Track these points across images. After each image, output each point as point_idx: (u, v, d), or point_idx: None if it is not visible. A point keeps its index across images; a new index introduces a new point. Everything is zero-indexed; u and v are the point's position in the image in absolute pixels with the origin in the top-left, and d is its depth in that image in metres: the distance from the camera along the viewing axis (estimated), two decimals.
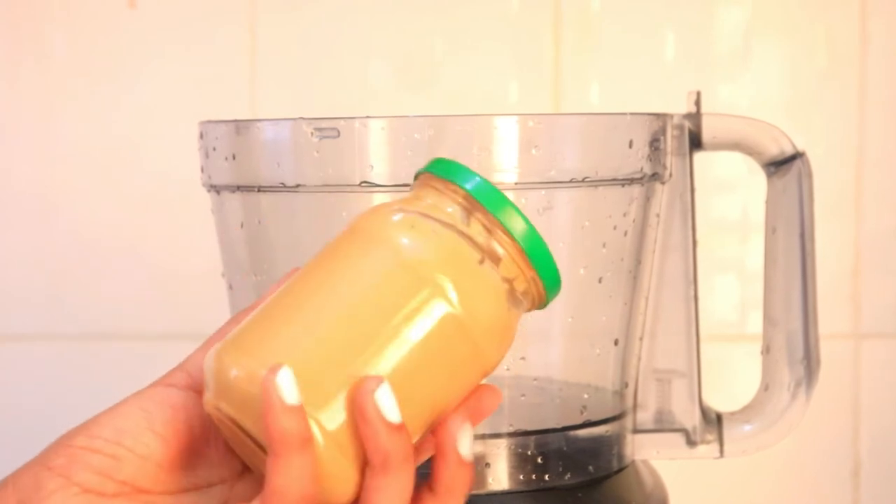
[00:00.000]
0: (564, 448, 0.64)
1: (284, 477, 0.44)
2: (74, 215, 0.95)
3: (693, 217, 0.68)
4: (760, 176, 0.69)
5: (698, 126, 0.67)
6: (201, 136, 0.65)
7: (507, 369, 0.64)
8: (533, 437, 0.63)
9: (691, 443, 0.68)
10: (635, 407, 0.68)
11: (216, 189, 0.65)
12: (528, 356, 0.64)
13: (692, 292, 0.68)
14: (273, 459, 0.44)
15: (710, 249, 0.82)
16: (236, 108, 0.94)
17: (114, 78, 0.95)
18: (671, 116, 0.66)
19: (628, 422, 0.67)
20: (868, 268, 0.96)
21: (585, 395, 0.66)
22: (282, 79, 0.95)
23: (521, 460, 0.63)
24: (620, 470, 0.66)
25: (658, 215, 0.66)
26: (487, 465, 0.62)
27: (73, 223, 0.96)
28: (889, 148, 0.95)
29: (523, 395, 0.65)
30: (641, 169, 0.63)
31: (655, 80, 0.95)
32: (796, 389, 0.68)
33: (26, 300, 0.96)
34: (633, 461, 0.68)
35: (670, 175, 0.66)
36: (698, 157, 0.68)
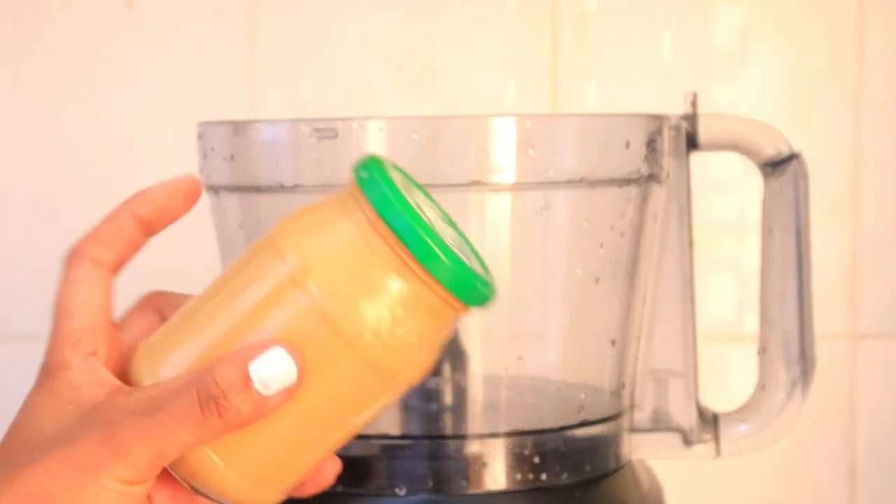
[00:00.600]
0: (561, 448, 0.64)
1: None
2: (73, 215, 0.95)
3: (690, 217, 0.68)
4: (757, 176, 0.69)
5: (695, 127, 0.67)
6: (199, 137, 0.65)
7: (505, 369, 0.64)
8: (530, 437, 0.63)
9: (688, 443, 0.68)
10: (632, 407, 0.68)
11: (214, 189, 0.65)
12: (525, 356, 0.64)
13: (689, 292, 0.68)
14: None
15: (706, 250, 0.82)
16: (235, 109, 0.94)
17: (113, 78, 0.95)
18: (668, 117, 0.66)
19: (625, 422, 0.67)
20: (865, 268, 0.96)
21: (582, 395, 0.66)
22: (281, 79, 0.95)
23: (518, 460, 0.63)
24: (617, 470, 0.66)
25: (655, 216, 0.67)
26: (484, 464, 0.62)
27: (72, 223, 0.95)
28: (886, 148, 0.96)
29: (520, 395, 0.65)
30: (638, 169, 0.63)
31: (653, 81, 0.95)
32: (792, 389, 0.68)
33: (25, 300, 0.96)
34: (630, 461, 0.68)
35: (667, 175, 0.66)
36: (695, 157, 0.68)
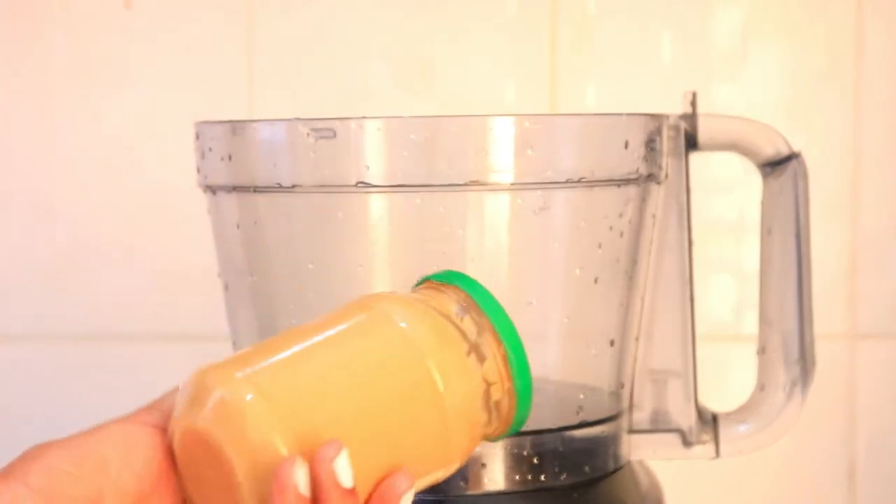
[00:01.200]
0: (560, 448, 0.64)
1: None
2: (71, 215, 0.95)
3: (689, 217, 0.68)
4: (756, 177, 0.69)
5: (694, 126, 0.67)
6: (197, 137, 0.65)
7: None
8: (529, 438, 0.63)
9: (687, 443, 0.68)
10: (631, 407, 0.68)
11: (212, 189, 0.65)
12: None
13: (688, 293, 0.68)
14: None
15: (705, 250, 0.82)
16: (234, 109, 0.94)
17: (112, 78, 0.95)
18: (667, 117, 0.66)
19: (624, 422, 0.67)
20: (864, 268, 0.96)
21: (581, 396, 0.66)
22: (280, 79, 0.95)
23: (517, 461, 0.63)
24: (616, 470, 0.66)
25: (654, 216, 0.67)
26: (483, 465, 0.62)
27: (70, 223, 0.96)
28: (886, 148, 0.96)
29: None
30: (637, 169, 0.63)
31: (652, 81, 0.95)
32: (792, 390, 0.68)
33: (23, 301, 0.96)
34: (629, 461, 0.68)
35: (666, 176, 0.66)
36: (694, 157, 0.68)
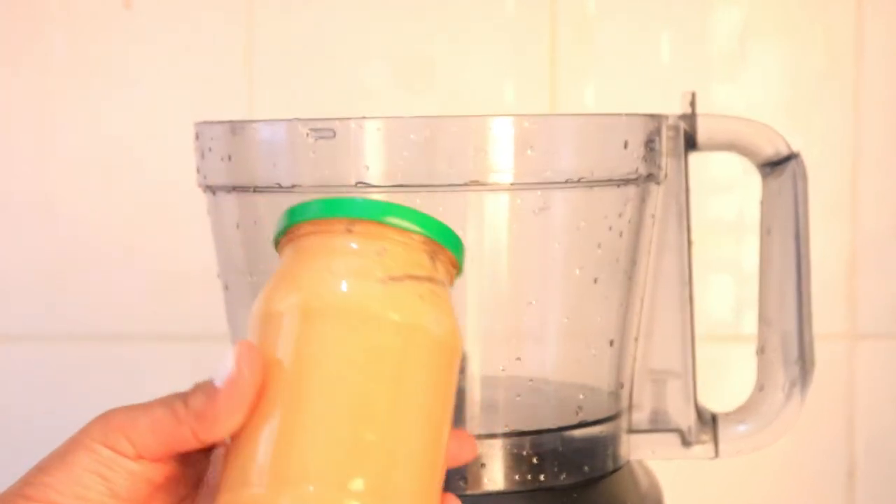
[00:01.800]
0: (560, 448, 0.64)
1: None
2: (71, 215, 0.95)
3: (688, 218, 0.68)
4: (756, 177, 0.69)
5: (693, 127, 0.67)
6: (197, 137, 0.65)
7: (503, 370, 0.64)
8: (528, 438, 0.63)
9: (686, 443, 0.68)
10: (630, 407, 0.68)
11: (212, 189, 0.65)
12: (523, 357, 0.64)
13: (687, 293, 0.68)
14: None
15: (705, 250, 0.82)
16: (234, 109, 0.94)
17: (111, 78, 0.95)
18: (666, 117, 0.66)
19: (623, 422, 0.67)
20: (864, 268, 0.96)
21: (581, 396, 0.66)
22: (279, 79, 0.95)
23: (516, 461, 0.63)
24: (616, 470, 0.66)
25: (653, 216, 0.67)
26: (483, 465, 0.62)
27: (70, 223, 0.96)
28: (886, 148, 0.96)
29: (519, 395, 0.65)
30: (637, 170, 0.63)
31: (652, 81, 0.95)
32: (791, 390, 0.68)
33: (23, 301, 0.96)
34: (629, 461, 0.68)
35: (665, 176, 0.66)
36: (694, 157, 0.68)
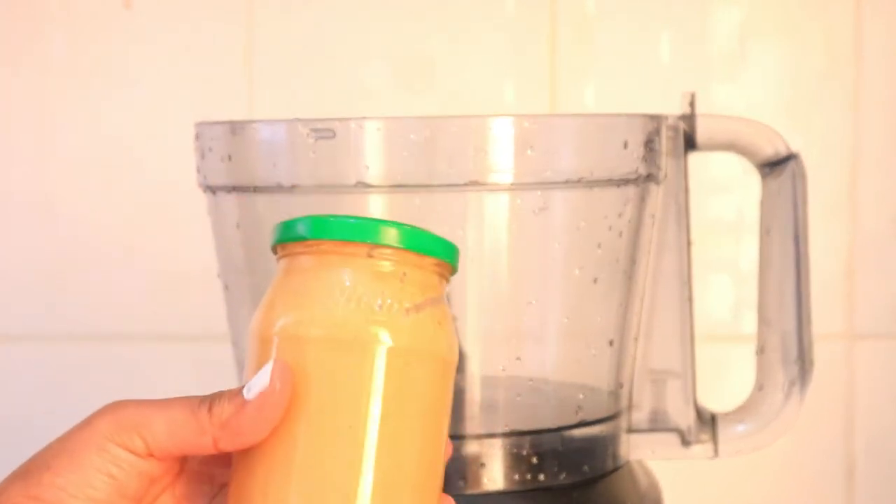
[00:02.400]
0: (559, 448, 0.64)
1: None
2: (71, 215, 0.96)
3: (688, 218, 0.68)
4: (755, 177, 0.69)
5: (693, 127, 0.67)
6: (197, 137, 0.65)
7: (503, 370, 0.64)
8: (528, 438, 0.63)
9: (686, 443, 0.68)
10: (630, 407, 0.68)
11: (212, 190, 0.65)
12: (523, 357, 0.64)
13: (687, 293, 0.68)
14: None
15: (704, 250, 0.82)
16: (234, 109, 0.94)
17: (111, 78, 0.95)
18: (666, 117, 0.66)
19: (623, 422, 0.67)
20: (863, 268, 0.96)
21: (580, 396, 0.66)
22: (279, 79, 0.95)
23: (516, 460, 0.63)
24: (615, 470, 0.66)
25: (653, 216, 0.67)
26: (483, 465, 0.62)
27: (70, 223, 0.96)
28: (885, 149, 0.96)
29: (518, 395, 0.65)
30: (636, 170, 0.63)
31: (652, 81, 0.95)
32: (790, 390, 0.68)
33: (23, 301, 0.96)
34: (628, 461, 0.68)
35: (665, 176, 0.66)
36: (693, 157, 0.68)
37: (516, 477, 0.63)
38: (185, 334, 0.95)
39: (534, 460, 0.63)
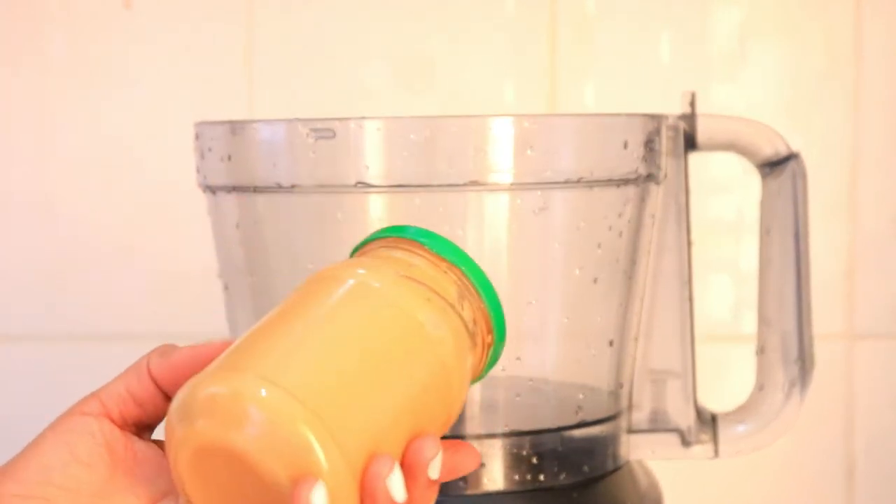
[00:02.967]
0: (559, 448, 0.64)
1: None
2: (71, 215, 0.96)
3: (688, 217, 0.68)
4: (755, 177, 0.69)
5: (693, 127, 0.67)
6: (197, 137, 0.65)
7: (503, 370, 0.64)
8: (528, 438, 0.63)
9: (686, 443, 0.68)
10: (630, 407, 0.68)
11: (212, 190, 0.65)
12: (523, 357, 0.64)
13: (687, 293, 0.68)
14: None
15: (704, 250, 0.82)
16: (234, 109, 0.94)
17: (111, 78, 0.95)
18: (666, 117, 0.66)
19: (623, 422, 0.67)
20: (863, 268, 0.96)
21: (580, 396, 0.66)
22: (279, 79, 0.95)
23: (516, 460, 0.63)
24: (615, 470, 0.66)
25: (653, 216, 0.67)
26: (483, 465, 0.62)
27: (70, 223, 0.96)
28: (885, 149, 0.96)
29: (518, 395, 0.65)
30: (636, 170, 0.63)
31: (652, 81, 0.95)
32: (790, 390, 0.68)
33: (23, 301, 0.96)
34: (628, 461, 0.68)
35: (665, 176, 0.66)
36: (693, 157, 0.68)
37: (516, 477, 0.63)
38: (185, 334, 0.95)
39: (534, 460, 0.63)
